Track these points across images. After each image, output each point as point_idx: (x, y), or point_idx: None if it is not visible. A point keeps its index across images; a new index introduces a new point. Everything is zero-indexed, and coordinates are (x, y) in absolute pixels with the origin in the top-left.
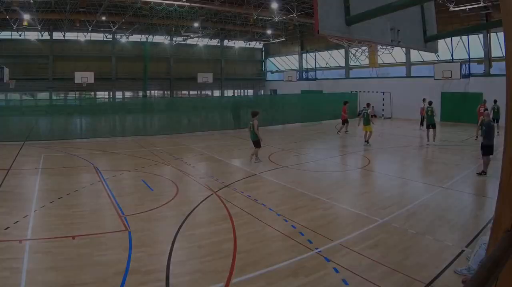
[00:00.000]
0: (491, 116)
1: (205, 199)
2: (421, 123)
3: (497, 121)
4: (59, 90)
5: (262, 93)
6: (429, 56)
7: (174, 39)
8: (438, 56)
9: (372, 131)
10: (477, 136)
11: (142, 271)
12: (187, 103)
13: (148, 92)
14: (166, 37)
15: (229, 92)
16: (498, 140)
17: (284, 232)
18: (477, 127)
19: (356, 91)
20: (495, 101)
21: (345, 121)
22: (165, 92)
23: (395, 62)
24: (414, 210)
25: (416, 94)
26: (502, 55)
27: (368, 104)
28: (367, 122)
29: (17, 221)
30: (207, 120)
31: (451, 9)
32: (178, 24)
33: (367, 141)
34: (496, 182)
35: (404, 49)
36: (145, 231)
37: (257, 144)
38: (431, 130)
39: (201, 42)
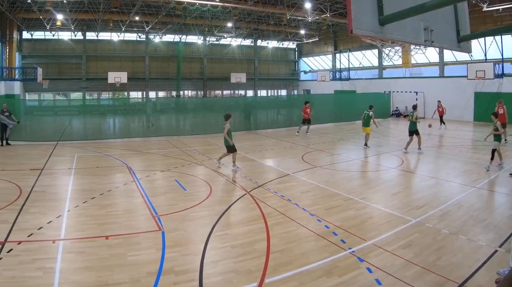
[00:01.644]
0: None
1: (238, 199)
2: (441, 122)
3: None
4: (92, 90)
5: (296, 93)
6: (462, 56)
7: (207, 39)
8: (472, 56)
9: (369, 133)
10: (506, 139)
11: (175, 271)
12: (220, 103)
13: (181, 92)
14: (200, 37)
15: (262, 92)
16: None
17: (318, 232)
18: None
19: (389, 91)
20: None
21: (306, 121)
22: (199, 92)
23: (428, 62)
24: (447, 210)
25: (450, 94)
26: None
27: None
28: (366, 123)
29: (50, 221)
30: (239, 120)
31: (484, 9)
32: (211, 24)
33: (366, 144)
34: None
35: (437, 49)
36: (179, 231)
37: (230, 149)
38: (414, 137)
39: (235, 42)
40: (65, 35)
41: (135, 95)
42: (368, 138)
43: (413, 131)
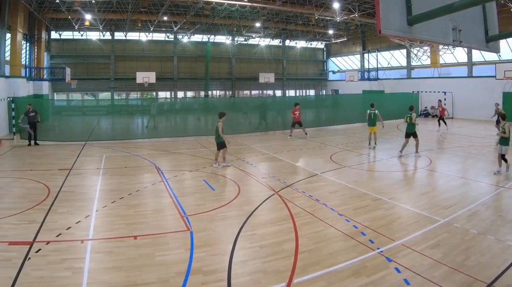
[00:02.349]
0: None
1: (266, 199)
2: (441, 122)
3: None
4: (121, 90)
5: (324, 93)
6: (490, 56)
7: (235, 39)
8: (500, 56)
9: (376, 132)
10: None
11: (203, 271)
12: (248, 103)
13: (209, 92)
14: (228, 37)
15: (291, 92)
16: None
17: (346, 232)
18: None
19: (418, 91)
20: None
21: (297, 123)
22: (227, 92)
23: (456, 62)
24: (476, 210)
25: (478, 94)
26: None
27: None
28: (372, 123)
29: (79, 221)
30: (268, 120)
31: None
32: (240, 24)
33: (370, 143)
34: None
35: (465, 49)
36: (207, 231)
37: (220, 145)
38: (410, 139)
39: (263, 42)
40: (94, 35)
41: (164, 95)
42: (375, 137)
43: (411, 133)
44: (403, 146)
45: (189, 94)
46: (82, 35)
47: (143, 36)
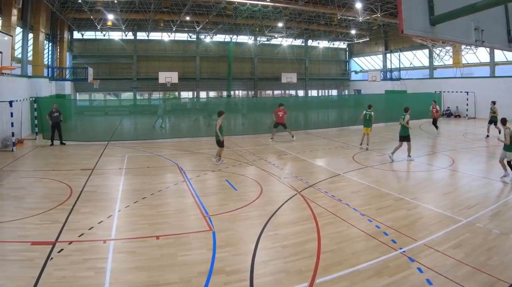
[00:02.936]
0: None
1: (289, 199)
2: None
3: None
4: (143, 90)
5: (346, 93)
6: None
7: (258, 39)
8: None
9: (370, 133)
10: None
11: (226, 271)
12: (271, 103)
13: (232, 92)
14: (250, 37)
15: (313, 92)
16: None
17: (368, 232)
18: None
19: (440, 91)
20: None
21: (280, 125)
22: (249, 92)
23: (479, 62)
24: (498, 210)
25: (501, 94)
26: None
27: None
28: (368, 124)
29: (101, 221)
30: (290, 120)
31: None
32: (262, 24)
33: (362, 144)
34: None
35: (488, 49)
36: (229, 231)
37: (219, 143)
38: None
39: (285, 42)
40: (116, 35)
41: (186, 95)
42: (368, 139)
43: (405, 137)
44: (395, 148)
45: (212, 94)
46: (104, 35)
47: (165, 36)
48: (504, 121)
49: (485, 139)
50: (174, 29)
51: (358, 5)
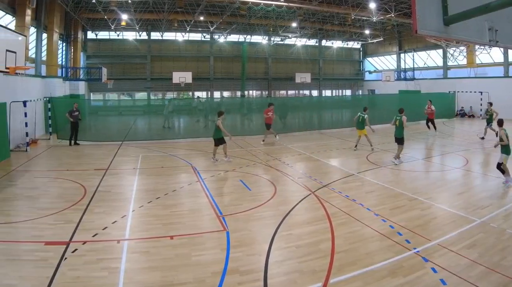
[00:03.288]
0: None
1: (303, 199)
2: (428, 126)
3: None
4: (157, 90)
5: (360, 93)
6: None
7: (272, 39)
8: None
9: (367, 135)
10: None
11: (240, 271)
12: (284, 103)
13: (246, 92)
14: (264, 37)
15: (327, 92)
16: None
17: (382, 232)
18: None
19: (454, 91)
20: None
21: (266, 125)
22: (263, 92)
23: (493, 62)
24: None
25: None
26: None
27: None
28: (361, 126)
29: (115, 221)
30: (304, 120)
31: None
32: (276, 24)
33: (356, 146)
34: None
35: (502, 49)
36: (243, 231)
37: (218, 141)
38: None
39: (299, 42)
40: (130, 35)
41: (200, 95)
42: (369, 139)
43: (400, 139)
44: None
45: (226, 94)
46: (118, 35)
47: (179, 36)
48: (500, 122)
49: (481, 140)
50: (188, 29)
51: (372, 5)
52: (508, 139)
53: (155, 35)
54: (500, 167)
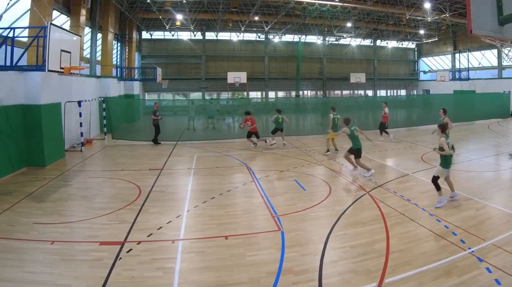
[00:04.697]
0: None
1: (357, 199)
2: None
3: None
4: (212, 90)
5: (415, 93)
6: None
7: (326, 39)
8: None
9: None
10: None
11: (294, 271)
12: (340, 103)
13: (300, 92)
14: (319, 37)
15: (381, 92)
16: None
17: (437, 232)
18: None
19: (509, 91)
20: None
21: (253, 134)
22: (318, 92)
23: None
24: None
25: None
26: None
27: (333, 108)
28: (337, 128)
29: (170, 221)
30: (359, 120)
31: None
32: (330, 24)
33: (328, 151)
34: None
35: None
36: (298, 231)
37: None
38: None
39: (354, 42)
40: (185, 35)
41: (254, 95)
42: (331, 144)
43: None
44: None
45: (280, 94)
46: (173, 35)
47: (234, 36)
48: (443, 128)
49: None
50: (242, 29)
51: (427, 5)
52: (449, 148)
53: (210, 35)
54: (436, 182)
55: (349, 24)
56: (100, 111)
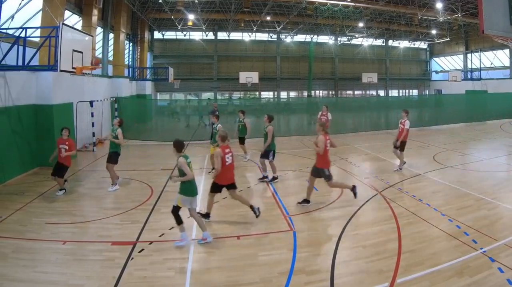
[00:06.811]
0: None
1: (369, 199)
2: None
3: None
4: (224, 90)
5: (427, 93)
6: None
7: (338, 39)
8: None
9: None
10: None
11: (306, 271)
12: (352, 103)
13: (312, 92)
14: (331, 37)
15: (393, 92)
16: None
17: (449, 232)
18: None
19: None
20: None
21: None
22: (330, 92)
23: None
24: None
25: None
26: None
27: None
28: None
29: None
30: (371, 120)
31: None
32: (342, 24)
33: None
34: None
35: None
36: (310, 231)
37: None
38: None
39: (366, 42)
40: (196, 35)
41: (266, 95)
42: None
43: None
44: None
45: (292, 94)
46: (185, 35)
47: (246, 36)
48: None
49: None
50: (254, 29)
51: (439, 5)
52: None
53: (222, 35)
54: (177, 213)
55: (361, 24)
56: (112, 112)
